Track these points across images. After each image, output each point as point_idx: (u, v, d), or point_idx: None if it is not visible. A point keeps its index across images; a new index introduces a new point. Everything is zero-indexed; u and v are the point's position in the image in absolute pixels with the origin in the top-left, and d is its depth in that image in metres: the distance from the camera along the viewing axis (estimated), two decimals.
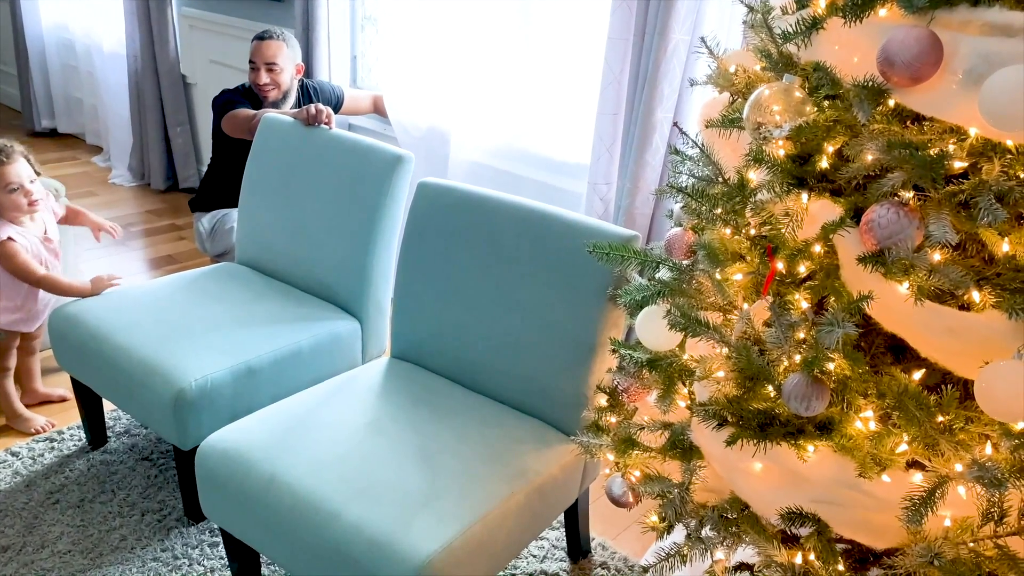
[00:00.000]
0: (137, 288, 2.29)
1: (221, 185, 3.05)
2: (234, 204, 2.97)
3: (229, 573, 1.91)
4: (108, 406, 2.41)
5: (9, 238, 2.16)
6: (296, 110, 2.47)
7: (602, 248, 1.42)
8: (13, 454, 2.25)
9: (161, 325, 2.07)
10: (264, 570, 1.92)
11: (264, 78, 2.88)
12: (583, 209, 2.61)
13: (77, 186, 4.39)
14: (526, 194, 1.92)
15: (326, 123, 2.36)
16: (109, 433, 2.38)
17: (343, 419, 1.74)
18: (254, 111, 2.82)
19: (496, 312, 1.86)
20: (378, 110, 3.30)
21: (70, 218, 2.48)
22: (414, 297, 2.00)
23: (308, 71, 3.40)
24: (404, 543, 1.41)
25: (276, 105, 2.94)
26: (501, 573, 1.95)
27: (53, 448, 2.29)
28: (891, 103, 1.12)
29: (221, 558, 1.95)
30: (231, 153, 2.97)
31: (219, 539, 2.01)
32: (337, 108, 3.15)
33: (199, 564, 1.93)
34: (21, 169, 2.14)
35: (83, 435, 2.35)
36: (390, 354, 2.09)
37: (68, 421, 2.40)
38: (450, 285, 1.92)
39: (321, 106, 2.37)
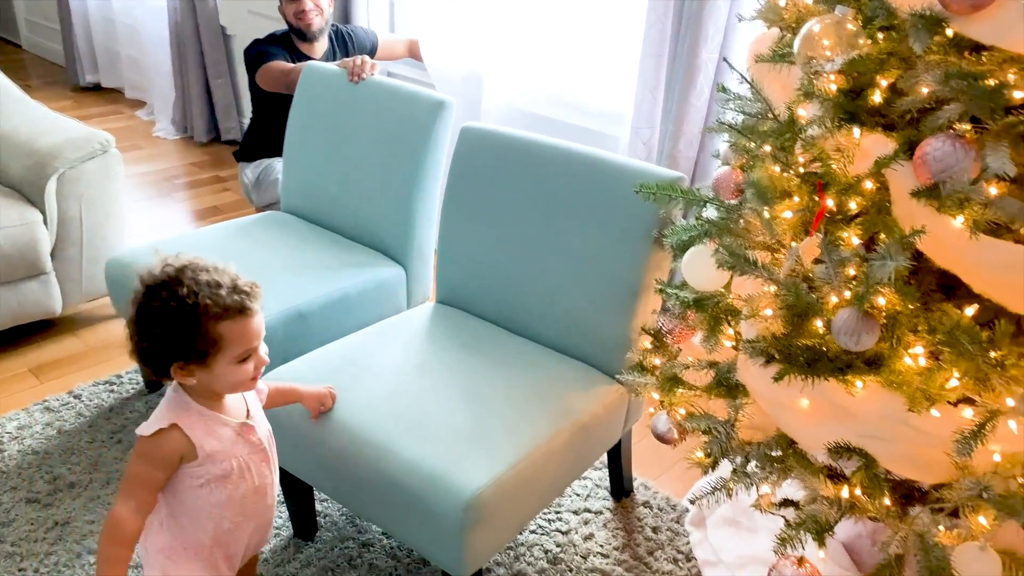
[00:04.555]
0: (187, 236, 2.34)
1: (264, 135, 3.06)
2: (278, 154, 2.99)
3: (284, 508, 1.99)
4: None
5: (174, 425, 1.26)
6: (340, 60, 2.47)
7: (649, 188, 1.42)
8: (75, 396, 2.34)
9: None
10: (317, 506, 1.99)
11: (308, 3, 2.85)
12: (624, 153, 2.59)
13: (123, 140, 4.46)
14: (562, 139, 1.92)
15: (371, 74, 2.36)
16: None
17: (392, 361, 1.78)
18: (290, 64, 2.80)
19: (540, 256, 1.87)
20: (413, 54, 3.28)
21: (273, 398, 1.54)
22: (458, 242, 2.02)
23: (346, 17, 3.39)
24: (456, 477, 1.45)
25: (318, 34, 2.92)
26: (546, 510, 2.00)
27: (113, 391, 2.37)
28: (949, 32, 1.09)
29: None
30: (271, 105, 2.97)
31: None
32: (372, 54, 3.12)
33: None
34: (262, 325, 1.29)
35: (140, 379, 2.43)
36: (435, 299, 2.12)
37: (126, 366, 2.49)
38: (494, 230, 1.94)
39: (366, 58, 2.37)
